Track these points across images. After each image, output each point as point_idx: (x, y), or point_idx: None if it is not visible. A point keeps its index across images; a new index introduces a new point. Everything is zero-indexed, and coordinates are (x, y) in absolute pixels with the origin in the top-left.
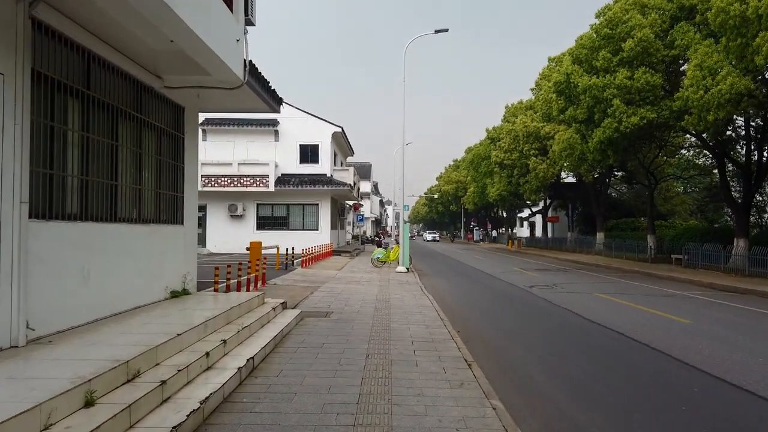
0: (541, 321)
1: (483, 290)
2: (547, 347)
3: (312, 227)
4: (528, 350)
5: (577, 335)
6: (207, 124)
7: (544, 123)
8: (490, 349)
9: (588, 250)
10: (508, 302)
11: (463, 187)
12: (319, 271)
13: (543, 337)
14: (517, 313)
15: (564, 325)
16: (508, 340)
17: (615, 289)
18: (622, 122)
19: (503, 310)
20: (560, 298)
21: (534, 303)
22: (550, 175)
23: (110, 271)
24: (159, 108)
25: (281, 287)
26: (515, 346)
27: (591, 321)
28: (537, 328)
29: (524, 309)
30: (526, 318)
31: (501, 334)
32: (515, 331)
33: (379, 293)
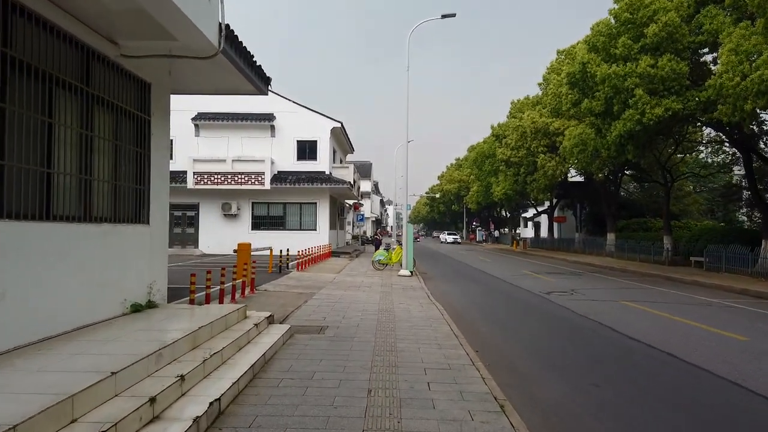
0: (572, 338)
1: (496, 297)
2: (589, 374)
3: (310, 227)
4: (567, 380)
5: (619, 357)
6: (199, 118)
7: (553, 118)
8: (521, 379)
9: (598, 251)
10: (527, 312)
11: (466, 186)
12: (316, 274)
13: (580, 361)
14: (542, 327)
15: (599, 342)
16: (540, 365)
17: (641, 296)
18: (645, 114)
19: (524, 323)
20: (584, 308)
21: (557, 313)
22: (559, 173)
23: (41, 284)
24: (116, 82)
25: (272, 294)
26: (550, 374)
27: (629, 337)
28: (569, 348)
29: (548, 321)
30: (554, 334)
31: (528, 356)
32: (544, 352)
33: (382, 301)
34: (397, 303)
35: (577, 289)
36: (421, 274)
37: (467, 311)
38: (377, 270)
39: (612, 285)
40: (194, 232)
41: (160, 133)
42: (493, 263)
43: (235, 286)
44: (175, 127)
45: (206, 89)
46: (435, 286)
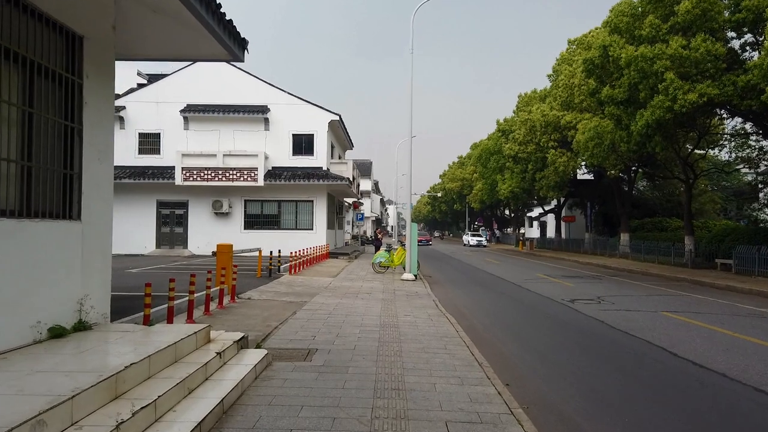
0: (625, 366)
1: (515, 306)
2: (670, 426)
3: (306, 226)
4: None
5: (694, 393)
6: (188, 110)
7: (565, 111)
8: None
9: (611, 252)
10: (556, 327)
11: (469, 184)
12: (310, 278)
13: (646, 403)
14: (580, 350)
15: (658, 369)
16: (602, 416)
17: (681, 305)
18: (677, 100)
19: (556, 342)
20: (621, 321)
21: (592, 329)
22: (570, 169)
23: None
24: (29, 29)
25: (256, 304)
26: (613, 425)
27: (694, 363)
28: (630, 383)
29: (585, 340)
30: (598, 360)
31: (581, 397)
32: (600, 391)
33: (384, 312)
34: (401, 314)
35: (603, 296)
36: (425, 278)
37: (484, 325)
38: (378, 273)
39: (639, 291)
40: (183, 232)
41: (99, 103)
42: (501, 265)
43: (209, 296)
44: (163, 119)
45: (164, 53)
46: (443, 292)
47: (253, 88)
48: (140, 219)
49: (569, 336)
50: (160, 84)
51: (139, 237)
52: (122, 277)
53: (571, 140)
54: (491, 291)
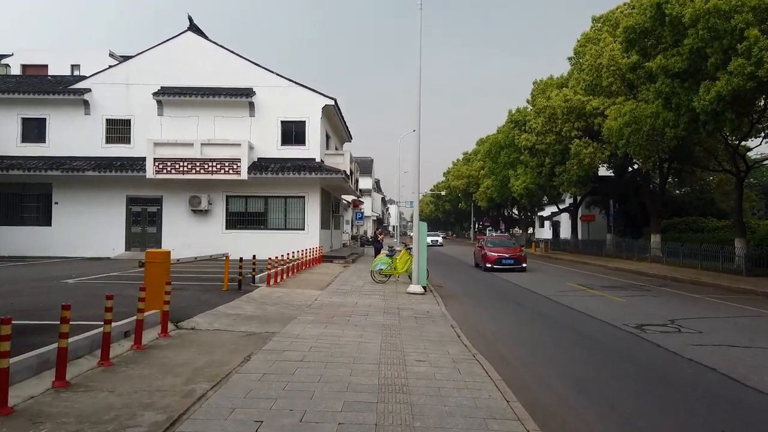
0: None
1: (567, 338)
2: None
3: (297, 226)
4: None
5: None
6: (163, 94)
7: (590, 96)
8: None
9: (640, 256)
10: (655, 383)
11: (476, 182)
12: (292, 291)
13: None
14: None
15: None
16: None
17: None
18: (763, 63)
19: (684, 423)
20: (738, 366)
21: (707, 384)
22: (597, 162)
23: None
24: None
25: (196, 339)
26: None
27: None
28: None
29: (712, 410)
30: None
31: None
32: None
33: (385, 355)
34: (411, 358)
35: (676, 319)
36: (435, 289)
37: (541, 378)
38: (378, 283)
39: (715, 310)
40: (156, 232)
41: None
42: (523, 273)
43: (108, 336)
44: (134, 104)
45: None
46: (461, 311)
47: (236, 67)
48: (108, 217)
49: (689, 404)
50: (131, 63)
51: (106, 238)
52: (47, 291)
53: (597, 129)
54: (523, 309)
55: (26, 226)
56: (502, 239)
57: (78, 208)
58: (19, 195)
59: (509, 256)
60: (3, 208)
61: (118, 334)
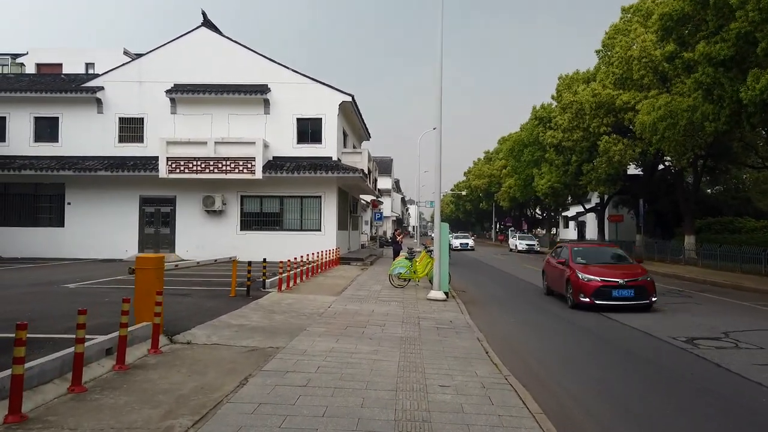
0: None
1: (608, 352)
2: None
3: (313, 227)
4: None
5: None
6: (176, 91)
7: (620, 90)
8: None
9: (672, 258)
10: (726, 416)
11: (498, 181)
12: (304, 296)
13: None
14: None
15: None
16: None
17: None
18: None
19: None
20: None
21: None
22: (627, 159)
23: None
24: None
25: (189, 356)
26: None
27: None
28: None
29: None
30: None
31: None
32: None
33: (403, 377)
34: (434, 382)
35: (729, 331)
36: (458, 294)
37: (589, 408)
38: (397, 288)
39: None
40: (170, 233)
41: None
42: None
43: (80, 358)
44: (147, 102)
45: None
46: (487, 320)
47: (250, 64)
48: (121, 218)
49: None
50: (144, 61)
51: (119, 239)
52: (41, 298)
53: (628, 124)
54: (552, 318)
55: (40, 227)
56: (601, 248)
57: (91, 208)
58: (33, 195)
59: (625, 282)
60: (17, 209)
61: (98, 352)
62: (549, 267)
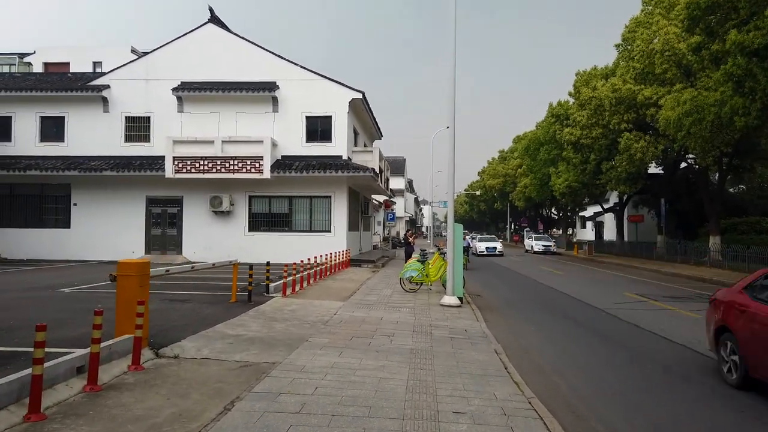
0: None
1: (644, 369)
2: None
3: (322, 228)
4: None
5: None
6: (183, 89)
7: (642, 85)
8: None
9: (696, 259)
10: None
11: (512, 181)
12: (310, 302)
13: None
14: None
15: None
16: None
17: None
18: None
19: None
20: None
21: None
22: (649, 157)
23: None
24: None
25: (175, 373)
26: None
27: None
28: None
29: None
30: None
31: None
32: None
33: (411, 398)
34: (446, 407)
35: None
36: (473, 298)
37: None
38: (408, 292)
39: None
40: (177, 234)
41: None
42: (566, 277)
43: (37, 381)
44: (153, 100)
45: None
46: (505, 328)
47: (258, 60)
48: (127, 219)
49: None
50: (150, 58)
51: (125, 240)
52: (30, 304)
53: (651, 120)
54: (577, 326)
55: (46, 228)
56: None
57: (97, 209)
58: (38, 196)
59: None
60: (23, 210)
61: (67, 371)
62: (747, 320)
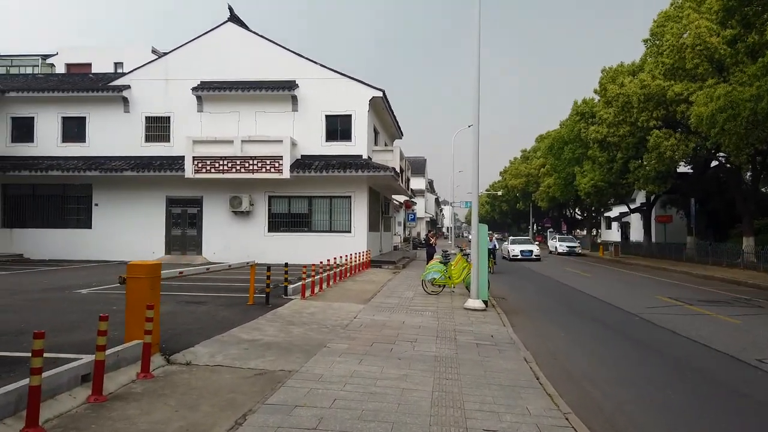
0: None
1: (686, 380)
2: None
3: (342, 228)
4: None
5: None
6: (202, 89)
7: (672, 81)
8: None
9: (729, 261)
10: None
11: (535, 181)
12: (328, 305)
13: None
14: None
15: None
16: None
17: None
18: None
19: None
20: None
21: None
22: (680, 155)
23: None
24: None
25: (184, 382)
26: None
27: None
28: None
29: None
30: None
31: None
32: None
33: (437, 412)
34: (476, 424)
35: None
36: (498, 301)
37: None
38: (430, 294)
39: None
40: (197, 235)
41: None
42: (593, 279)
43: (35, 392)
44: (173, 100)
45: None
46: (533, 333)
47: (278, 59)
48: (147, 219)
49: None
50: (170, 58)
51: (146, 241)
52: (44, 305)
53: (681, 117)
54: (609, 332)
55: (68, 228)
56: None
57: (118, 209)
58: (61, 197)
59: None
60: (45, 210)
61: (71, 380)
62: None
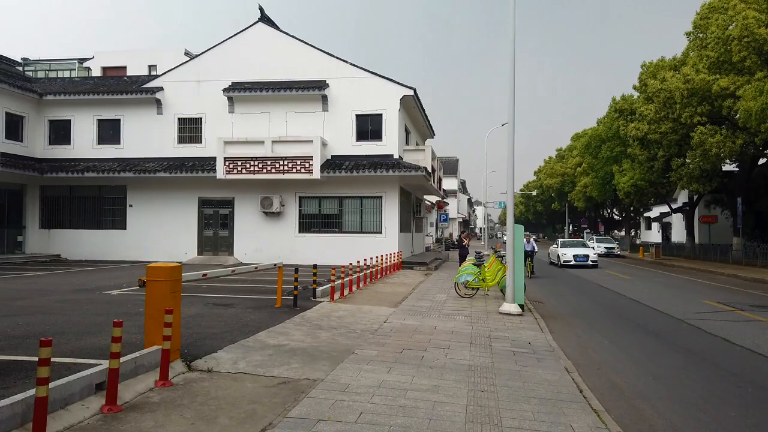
0: None
1: (747, 396)
2: None
3: (373, 229)
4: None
5: None
6: (234, 89)
7: (717, 75)
8: None
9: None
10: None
11: (571, 180)
12: (358, 308)
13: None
14: None
15: None
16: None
17: None
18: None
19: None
20: None
21: None
22: (726, 152)
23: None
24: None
25: (204, 391)
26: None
27: None
28: None
29: None
30: None
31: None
32: None
33: (472, 430)
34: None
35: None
36: (534, 305)
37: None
38: (463, 298)
39: None
40: (228, 236)
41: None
42: (633, 282)
43: (42, 405)
44: (205, 101)
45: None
46: (574, 341)
47: (308, 59)
48: (180, 220)
49: None
50: (201, 59)
51: (179, 241)
52: (73, 307)
53: (727, 113)
54: (655, 340)
55: (103, 229)
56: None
57: (151, 210)
58: (97, 198)
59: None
60: (81, 211)
61: (84, 389)
62: None
